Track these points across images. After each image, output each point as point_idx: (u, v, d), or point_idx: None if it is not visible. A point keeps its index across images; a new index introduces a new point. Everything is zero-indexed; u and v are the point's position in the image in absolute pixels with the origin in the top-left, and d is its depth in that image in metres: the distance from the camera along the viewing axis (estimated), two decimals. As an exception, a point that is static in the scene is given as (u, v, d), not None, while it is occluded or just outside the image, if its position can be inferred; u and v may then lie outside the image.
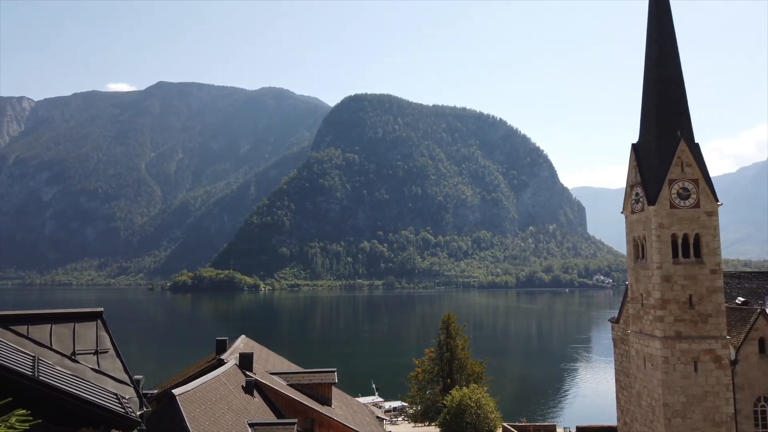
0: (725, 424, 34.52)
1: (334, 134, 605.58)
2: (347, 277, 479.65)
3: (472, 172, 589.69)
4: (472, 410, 42.07)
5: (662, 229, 36.28)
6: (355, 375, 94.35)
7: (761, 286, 42.48)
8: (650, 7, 39.55)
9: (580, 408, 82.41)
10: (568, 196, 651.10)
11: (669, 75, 38.16)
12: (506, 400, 72.88)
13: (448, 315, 56.10)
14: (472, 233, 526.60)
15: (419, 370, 54.05)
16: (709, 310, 35.43)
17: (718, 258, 36.16)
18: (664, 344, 35.17)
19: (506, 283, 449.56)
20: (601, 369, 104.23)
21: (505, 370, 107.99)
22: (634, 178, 39.32)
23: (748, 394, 35.86)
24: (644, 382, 37.44)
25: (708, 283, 35.65)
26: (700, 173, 36.41)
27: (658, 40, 38.74)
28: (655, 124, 37.83)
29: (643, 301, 37.80)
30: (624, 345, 43.99)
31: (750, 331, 36.14)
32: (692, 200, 36.35)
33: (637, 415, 39.05)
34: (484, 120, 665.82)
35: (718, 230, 36.57)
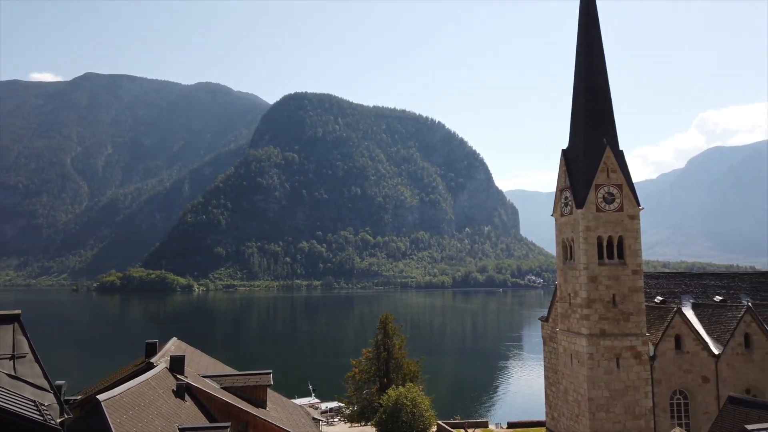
0: (644, 417, 36.58)
1: (273, 132, 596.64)
2: (285, 277, 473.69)
3: (411, 174, 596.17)
4: (408, 409, 42.57)
5: (589, 232, 38.03)
6: (292, 376, 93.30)
7: (678, 285, 45.26)
8: (579, 22, 41.36)
9: (511, 404, 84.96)
10: (503, 198, 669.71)
11: (596, 86, 40.07)
12: (441, 398, 74.10)
13: (386, 315, 56.48)
14: (411, 234, 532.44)
15: (356, 370, 54.15)
16: (630, 308, 37.44)
17: (639, 259, 38.28)
18: (590, 341, 36.88)
19: (443, 283, 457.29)
20: (532, 366, 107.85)
21: (441, 369, 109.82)
22: (563, 182, 40.99)
23: (665, 387, 38.16)
24: (571, 378, 39.09)
25: (630, 283, 37.68)
26: (624, 179, 38.43)
27: (587, 52, 40.59)
28: (583, 132, 39.61)
29: (571, 301, 39.48)
30: (553, 343, 45.75)
31: (667, 328, 38.47)
32: (616, 204, 38.30)
33: (564, 410, 40.71)
34: (423, 122, 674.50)
35: (639, 233, 38.71)
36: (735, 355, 38.64)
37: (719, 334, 39.22)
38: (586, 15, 40.85)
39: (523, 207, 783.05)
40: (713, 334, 39.44)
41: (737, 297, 44.19)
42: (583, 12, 40.94)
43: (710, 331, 39.69)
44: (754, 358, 38.75)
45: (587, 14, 40.80)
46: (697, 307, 42.35)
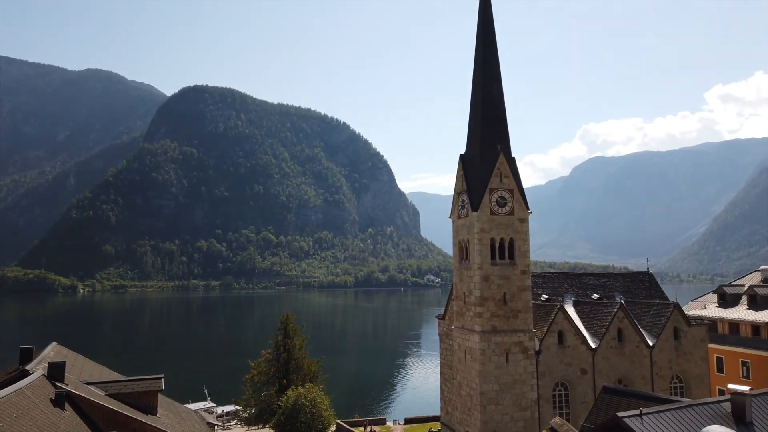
0: (530, 408, 39.00)
1: (171, 126, 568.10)
2: (181, 277, 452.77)
3: (315, 173, 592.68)
4: (307, 409, 42.41)
5: (483, 234, 39.93)
6: (186, 381, 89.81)
7: (561, 285, 48.71)
8: (477, 36, 43.29)
9: (409, 401, 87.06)
10: (405, 200, 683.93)
11: (492, 96, 42.16)
12: (341, 397, 74.45)
13: (287, 315, 55.85)
14: (314, 234, 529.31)
15: (255, 372, 53.03)
16: (519, 306, 39.76)
17: (527, 260, 40.75)
18: (482, 338, 38.73)
19: (345, 283, 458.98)
20: (429, 363, 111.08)
21: (342, 368, 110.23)
22: (460, 186, 42.71)
23: (549, 380, 40.92)
24: (464, 374, 40.83)
25: (519, 283, 40.01)
26: (516, 184, 40.73)
27: (483, 65, 42.61)
28: (479, 138, 41.52)
29: (466, 299, 41.23)
30: (448, 340, 47.52)
31: (551, 324, 41.28)
32: (508, 208, 40.51)
33: (457, 404, 42.42)
34: (328, 122, 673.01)
35: (528, 235, 41.19)
36: (609, 348, 42.22)
37: (596, 330, 42.67)
38: (483, 30, 42.84)
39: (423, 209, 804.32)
40: (591, 330, 42.84)
41: (612, 295, 48.37)
42: (481, 27, 42.91)
43: (588, 327, 43.09)
44: (626, 351, 42.57)
45: (484, 29, 42.80)
46: (577, 304, 45.81)
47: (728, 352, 50.43)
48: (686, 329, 43.95)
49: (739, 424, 23.10)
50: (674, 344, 43.48)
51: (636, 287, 50.44)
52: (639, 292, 49.55)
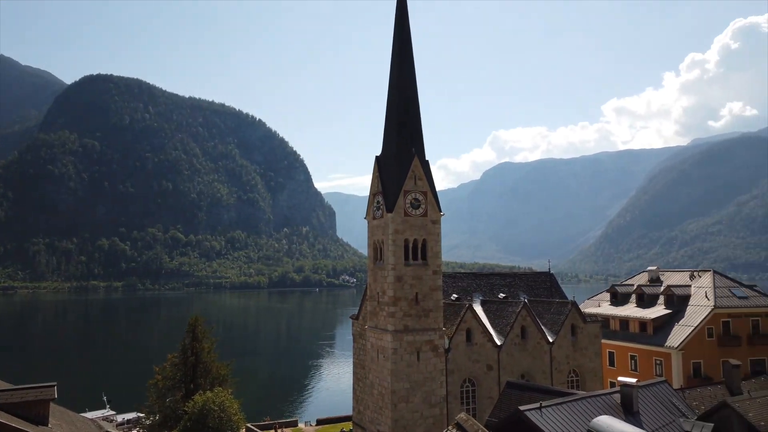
0: (439, 405, 40.10)
1: (70, 116, 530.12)
2: (79, 278, 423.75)
3: (229, 171, 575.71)
4: (215, 414, 41.13)
5: (397, 235, 40.60)
6: (84, 388, 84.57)
7: (470, 284, 50.50)
8: (394, 39, 43.98)
9: (321, 401, 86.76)
10: (321, 200, 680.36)
11: (407, 100, 42.95)
12: (252, 400, 72.91)
13: (195, 317, 53.82)
14: (227, 233, 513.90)
15: (159, 377, 50.62)
16: (430, 305, 40.79)
17: (439, 261, 41.89)
18: (395, 337, 39.36)
19: (259, 284, 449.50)
20: (342, 363, 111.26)
21: (253, 371, 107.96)
22: (376, 187, 43.18)
23: (457, 377, 42.27)
24: (377, 373, 41.30)
25: (431, 282, 41.05)
26: (429, 187, 41.75)
27: (399, 67, 43.35)
28: (394, 141, 42.18)
29: (379, 299, 41.72)
30: (362, 339, 47.87)
31: (460, 323, 42.67)
32: (422, 210, 41.45)
33: (369, 403, 42.81)
34: (243, 119, 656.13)
35: (440, 236, 42.36)
36: (513, 345, 44.27)
37: (501, 327, 44.61)
38: (399, 34, 43.55)
39: (340, 209, 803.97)
40: (497, 327, 44.72)
41: (517, 294, 50.77)
42: (397, 32, 43.61)
43: (494, 325, 44.96)
44: (528, 348, 44.81)
45: (401, 34, 43.52)
46: (485, 303, 47.67)
47: (619, 347, 54.43)
48: (582, 326, 46.96)
49: (627, 413, 25.04)
50: (571, 340, 46.33)
51: (538, 286, 53.27)
52: (541, 291, 52.36)
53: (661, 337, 50.73)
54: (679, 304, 52.95)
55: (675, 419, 26.55)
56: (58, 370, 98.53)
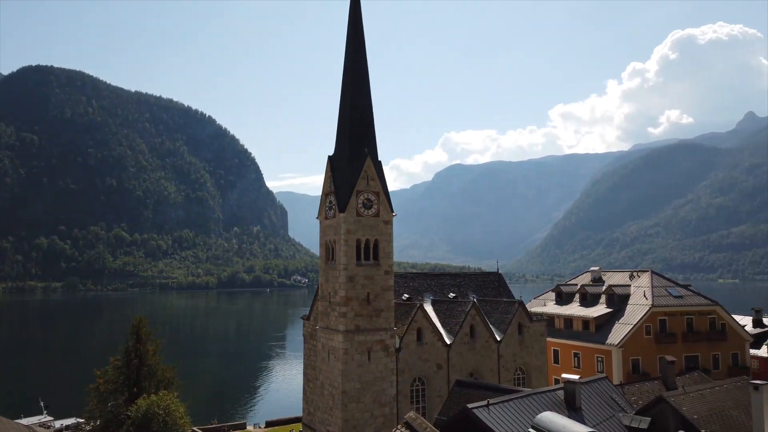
0: (389, 404, 40.32)
1: (6, 108, 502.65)
2: (15, 278, 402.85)
3: (177, 168, 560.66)
4: (160, 418, 39.95)
5: (349, 235, 40.59)
6: (19, 393, 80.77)
7: (421, 284, 51.00)
8: (347, 39, 43.96)
9: (271, 403, 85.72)
10: (273, 199, 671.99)
11: (360, 99, 43.02)
12: (200, 403, 71.33)
13: (139, 318, 52.09)
14: (174, 232, 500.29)
15: (101, 380, 48.73)
16: (382, 305, 40.97)
17: (391, 261, 42.13)
18: (346, 337, 39.34)
19: (207, 284, 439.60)
20: (293, 364, 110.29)
21: (201, 373, 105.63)
22: (328, 187, 43.05)
23: (407, 376, 42.62)
24: (327, 373, 41.16)
25: (382, 283, 41.23)
26: (381, 187, 41.93)
27: (353, 68, 43.37)
28: (347, 141, 42.16)
29: (331, 299, 41.60)
30: (313, 340, 47.61)
31: (411, 322, 43.05)
32: (374, 210, 41.59)
33: (319, 404, 42.64)
34: (192, 115, 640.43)
35: (392, 237, 42.59)
36: (462, 344, 45.00)
37: (451, 327, 45.27)
38: (353, 34, 43.57)
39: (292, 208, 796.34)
40: (447, 327, 45.35)
41: (466, 294, 51.62)
42: (351, 31, 43.62)
43: (445, 324, 45.58)
44: (477, 346, 45.65)
45: (354, 34, 43.55)
46: (435, 303, 48.25)
47: (563, 345, 56.18)
48: (529, 325, 48.21)
49: (570, 409, 25.90)
50: (518, 339, 47.50)
51: (487, 286, 54.34)
52: (489, 291, 53.43)
53: (602, 335, 52.68)
54: (619, 303, 55.11)
55: (615, 414, 27.65)
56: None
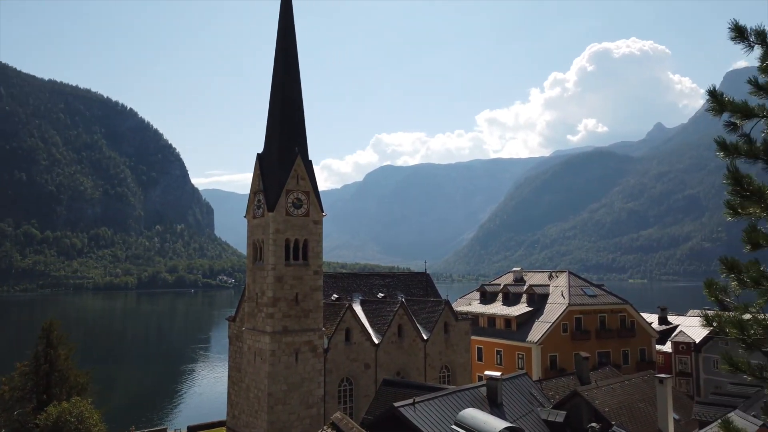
0: (316, 405, 40.14)
1: None
2: None
3: (94, 163, 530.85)
4: (72, 426, 37.80)
5: (278, 234, 40.08)
6: None
7: (350, 284, 51.14)
8: (278, 36, 43.41)
9: (194, 407, 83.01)
10: (198, 197, 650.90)
11: (291, 98, 42.59)
12: (117, 409, 68.10)
13: (50, 321, 49.03)
14: (90, 230, 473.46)
15: (6, 387, 45.50)
16: (310, 306, 40.73)
17: (320, 261, 41.97)
18: (273, 338, 38.80)
19: (126, 284, 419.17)
20: (217, 367, 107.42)
21: (119, 378, 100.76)
22: (257, 185, 42.31)
23: (335, 376, 42.60)
24: (253, 376, 40.43)
25: (311, 283, 40.99)
26: (311, 187, 41.70)
27: (284, 66, 42.86)
28: (277, 139, 41.62)
29: (258, 300, 40.90)
30: (239, 342, 46.59)
31: (339, 322, 43.08)
32: (304, 210, 41.29)
33: (244, 407, 41.81)
34: (112, 107, 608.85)
35: (322, 237, 42.46)
36: (390, 343, 45.52)
37: (380, 326, 45.69)
38: (284, 32, 43.07)
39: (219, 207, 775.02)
40: (375, 326, 45.73)
41: (395, 294, 52.26)
42: (282, 29, 43.10)
43: (373, 324, 45.93)
44: (404, 345, 46.32)
45: (285, 32, 43.06)
46: (364, 303, 48.53)
47: (486, 343, 58.02)
48: (454, 324, 49.45)
49: (492, 405, 26.82)
50: (444, 337, 48.62)
51: (415, 286, 55.25)
52: (417, 291, 54.37)
53: (523, 332, 54.86)
54: (539, 302, 57.59)
55: (534, 408, 28.89)
56: None
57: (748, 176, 8.01)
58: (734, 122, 8.13)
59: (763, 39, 8.02)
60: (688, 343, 55.62)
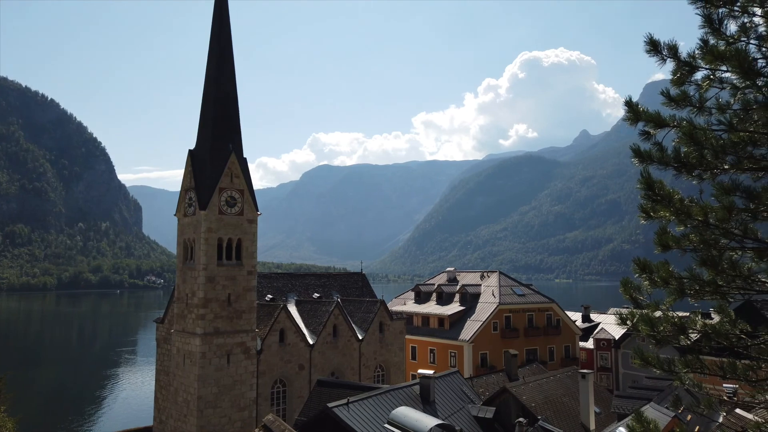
0: (248, 408, 39.41)
1: None
2: None
3: (10, 156, 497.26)
4: (-18, 437, 35.41)
5: (210, 233, 39.06)
6: None
7: (286, 285, 50.56)
8: (213, 29, 42.33)
9: (118, 413, 79.45)
10: (126, 193, 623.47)
11: (226, 94, 41.62)
12: (34, 416, 64.21)
13: (-42, 325, 45.75)
14: (5, 227, 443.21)
15: None
16: (243, 307, 39.95)
17: (254, 261, 41.23)
18: (204, 340, 37.78)
19: (45, 285, 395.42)
20: (144, 371, 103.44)
21: (35, 383, 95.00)
22: (189, 183, 41.06)
23: (268, 378, 42.00)
24: (182, 379, 39.20)
25: (245, 283, 40.21)
26: (246, 185, 40.90)
27: (219, 59, 41.82)
28: (210, 136, 40.56)
29: (188, 301, 39.69)
30: (167, 344, 45.06)
31: (273, 323, 42.50)
32: (238, 208, 40.44)
33: (172, 411, 40.46)
34: (31, 97, 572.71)
35: (256, 236, 41.72)
36: (325, 343, 45.36)
37: (315, 327, 45.43)
38: (219, 26, 42.04)
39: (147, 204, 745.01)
40: (310, 327, 45.43)
41: (330, 294, 52.11)
42: (217, 22, 42.06)
43: (308, 324, 45.62)
44: (339, 345, 46.28)
45: (220, 26, 42.04)
46: (299, 303, 48.11)
47: (420, 342, 58.89)
48: (389, 323, 49.90)
49: (424, 403, 27.28)
50: (379, 337, 48.96)
51: (351, 286, 55.33)
52: (353, 291, 54.46)
53: (455, 331, 56.06)
54: (471, 301, 59.04)
55: (464, 405, 29.62)
56: None
57: (660, 182, 8.63)
58: (648, 131, 8.75)
59: (674, 53, 8.65)
60: (608, 340, 58.60)
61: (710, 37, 8.53)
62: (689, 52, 8.62)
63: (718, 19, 8.43)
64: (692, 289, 8.48)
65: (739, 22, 8.59)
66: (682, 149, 8.58)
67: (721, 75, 8.53)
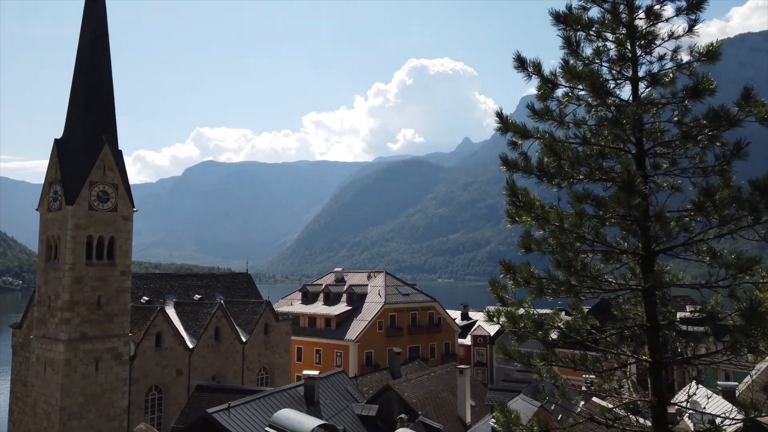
0: (119, 418, 36.89)
1: None
2: None
3: None
4: None
5: (79, 230, 36.16)
6: None
7: (164, 286, 48.00)
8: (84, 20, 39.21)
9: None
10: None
11: (100, 82, 38.75)
12: None
13: None
14: None
15: None
16: (115, 309, 37.38)
17: (129, 260, 38.73)
18: (68, 347, 34.87)
19: None
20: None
21: None
22: (54, 175, 37.76)
23: (143, 385, 39.62)
24: (42, 389, 35.89)
25: (117, 284, 37.65)
26: (121, 179, 38.33)
27: (92, 41, 38.83)
28: (81, 125, 37.62)
29: (51, 304, 36.45)
30: (25, 352, 41.08)
31: (149, 327, 40.18)
32: (111, 204, 37.79)
33: (30, 425, 36.88)
34: None
35: (131, 234, 39.20)
36: (206, 347, 43.66)
37: (195, 330, 43.57)
38: (93, 8, 39.06)
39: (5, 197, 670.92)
40: (190, 330, 43.50)
41: (213, 295, 50.25)
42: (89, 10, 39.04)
43: (188, 327, 43.64)
44: (222, 349, 44.76)
45: (95, 9, 39.09)
46: (178, 305, 45.86)
47: (306, 342, 58.55)
48: (275, 324, 49.11)
49: (309, 404, 27.23)
50: (264, 338, 48.01)
51: (236, 287, 53.73)
52: (238, 292, 52.93)
53: (342, 331, 56.42)
54: (358, 301, 59.75)
55: (349, 404, 29.95)
56: None
57: (524, 189, 9.38)
58: (515, 141, 9.50)
59: (539, 70, 9.48)
60: (484, 336, 62.02)
61: (570, 58, 9.43)
62: (551, 70, 9.48)
63: (576, 41, 9.34)
64: (550, 288, 9.31)
65: (594, 45, 9.57)
66: (545, 159, 9.39)
67: (578, 93, 9.46)
